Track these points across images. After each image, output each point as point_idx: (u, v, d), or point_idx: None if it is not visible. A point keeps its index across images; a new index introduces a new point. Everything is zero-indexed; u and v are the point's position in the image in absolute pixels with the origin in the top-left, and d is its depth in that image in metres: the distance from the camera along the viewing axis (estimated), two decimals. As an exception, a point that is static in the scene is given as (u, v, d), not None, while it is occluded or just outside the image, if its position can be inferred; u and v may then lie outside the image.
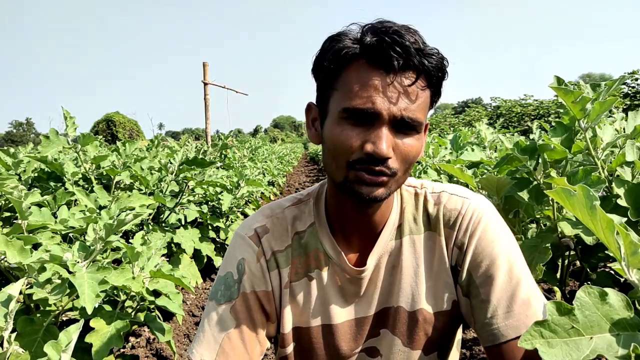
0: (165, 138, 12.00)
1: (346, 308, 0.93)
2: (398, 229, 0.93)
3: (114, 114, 29.57)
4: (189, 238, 2.94)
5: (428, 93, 0.78)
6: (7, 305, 1.05)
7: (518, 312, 0.80)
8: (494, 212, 0.91)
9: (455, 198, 0.91)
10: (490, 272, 0.83)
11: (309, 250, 0.93)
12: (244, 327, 0.88)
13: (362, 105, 0.73)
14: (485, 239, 0.86)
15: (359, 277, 0.91)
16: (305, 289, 0.93)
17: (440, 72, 0.77)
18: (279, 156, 14.18)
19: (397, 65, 0.72)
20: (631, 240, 0.59)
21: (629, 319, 0.60)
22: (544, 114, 13.63)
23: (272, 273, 0.92)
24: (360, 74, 0.74)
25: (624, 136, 1.45)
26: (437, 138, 4.32)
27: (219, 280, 0.93)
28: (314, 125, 0.88)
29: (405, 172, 0.80)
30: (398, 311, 0.92)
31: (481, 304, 0.83)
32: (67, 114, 2.38)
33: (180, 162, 2.76)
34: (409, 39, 0.72)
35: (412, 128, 0.76)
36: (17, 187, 1.54)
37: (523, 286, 0.82)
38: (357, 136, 0.75)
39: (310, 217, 0.95)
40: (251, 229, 0.94)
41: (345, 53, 0.75)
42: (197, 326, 2.85)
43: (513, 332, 0.79)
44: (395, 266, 0.92)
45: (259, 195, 5.64)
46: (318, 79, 0.83)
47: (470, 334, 2.53)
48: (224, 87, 8.27)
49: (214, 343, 0.87)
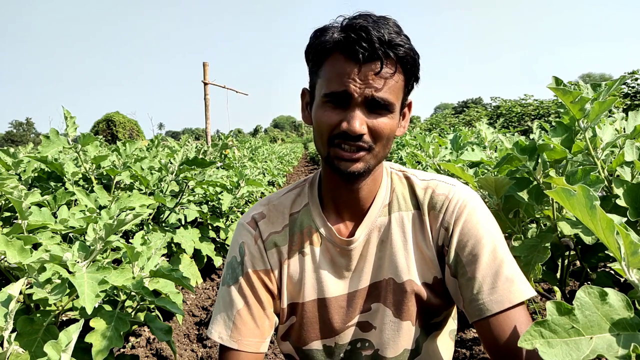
0: (165, 138, 12.00)
1: (339, 282, 1.00)
2: (387, 206, 1.01)
3: (114, 114, 29.57)
4: (189, 238, 2.94)
5: (399, 78, 0.87)
6: (7, 305, 1.05)
7: (502, 288, 0.87)
8: (479, 199, 0.98)
9: (443, 184, 0.99)
10: (475, 250, 0.90)
11: (303, 227, 1.02)
12: (252, 303, 0.98)
13: (338, 89, 0.85)
14: (471, 221, 0.93)
15: (349, 249, 0.98)
16: (300, 264, 1.01)
17: (408, 60, 0.86)
18: (279, 156, 14.18)
19: (362, 57, 0.82)
20: (631, 240, 0.59)
21: (629, 319, 0.60)
22: (544, 114, 13.63)
23: (270, 252, 1.01)
24: (336, 65, 0.86)
25: (624, 136, 1.45)
26: (437, 138, 4.32)
27: (227, 266, 1.04)
28: (307, 108, 0.99)
29: (383, 147, 0.90)
30: (389, 283, 0.98)
31: (468, 281, 0.90)
32: (68, 114, 2.38)
33: (180, 162, 2.76)
34: (374, 34, 0.82)
35: (383, 107, 0.86)
36: (17, 187, 1.54)
37: (506, 265, 0.89)
38: (337, 116, 0.87)
39: (305, 198, 1.05)
40: (249, 217, 1.05)
41: (324, 47, 0.87)
42: (197, 326, 2.85)
43: (497, 306, 0.86)
44: (384, 241, 0.99)
45: (259, 195, 5.64)
46: (308, 67, 0.95)
47: (470, 333, 2.53)
48: (224, 87, 8.26)
49: (228, 321, 0.98)
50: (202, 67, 7.57)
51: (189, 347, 2.58)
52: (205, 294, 3.37)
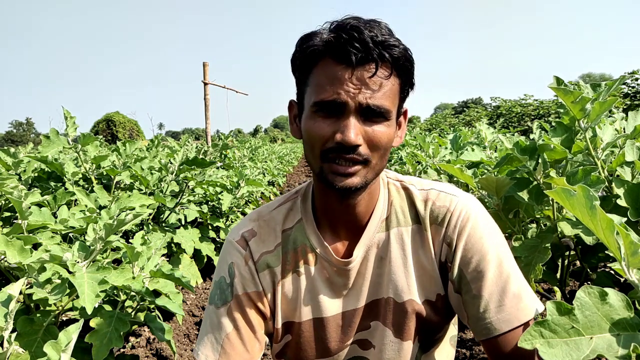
0: (165, 138, 11.99)
1: (335, 301, 0.95)
2: (385, 221, 0.94)
3: (114, 114, 29.59)
4: (189, 238, 2.94)
5: (395, 82, 0.81)
6: (7, 305, 1.05)
7: (509, 306, 0.82)
8: (482, 209, 0.93)
9: (444, 195, 0.93)
10: (480, 267, 0.85)
11: (297, 245, 0.96)
12: (241, 327, 0.92)
13: (329, 97, 0.78)
14: (475, 235, 0.88)
15: (346, 269, 0.93)
16: (295, 284, 0.95)
17: (403, 62, 0.80)
18: (279, 156, 14.18)
19: (356, 59, 0.76)
20: (631, 240, 0.59)
21: (629, 319, 0.60)
22: (544, 114, 13.63)
23: (262, 274, 0.95)
24: (326, 70, 0.79)
25: (624, 136, 1.45)
26: (437, 138, 4.32)
27: (215, 285, 0.97)
28: (295, 121, 0.92)
29: (380, 158, 0.83)
30: (388, 302, 0.93)
31: (473, 299, 0.85)
32: (68, 114, 2.38)
33: (180, 162, 2.76)
34: (367, 34, 0.75)
35: (379, 115, 0.80)
36: (17, 187, 1.54)
37: (513, 280, 0.84)
38: (329, 127, 0.80)
39: (297, 213, 0.98)
40: (238, 234, 0.98)
41: (312, 52, 0.80)
42: (197, 326, 2.85)
43: (505, 325, 0.82)
44: (384, 258, 0.93)
45: (259, 195, 5.64)
46: (295, 77, 0.88)
47: (470, 333, 2.53)
48: (224, 87, 8.26)
49: (216, 344, 0.92)
50: (202, 67, 7.57)
51: (189, 347, 2.58)
52: (205, 294, 3.37)
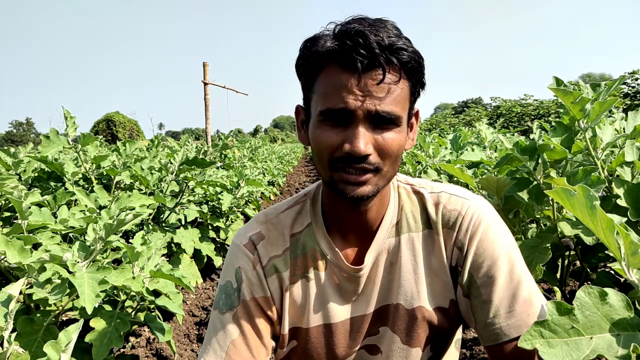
0: (165, 138, 12.00)
1: (344, 306, 0.93)
2: (396, 226, 0.93)
3: (114, 114, 29.59)
4: (189, 238, 2.94)
5: (404, 85, 0.78)
6: (7, 305, 1.05)
7: (520, 312, 0.81)
8: (493, 213, 0.92)
9: (455, 198, 0.91)
10: (491, 272, 0.84)
11: (307, 250, 0.94)
12: (248, 333, 0.90)
13: (336, 106, 0.75)
14: (486, 240, 0.86)
15: (357, 275, 0.91)
16: (304, 290, 0.93)
17: (413, 64, 0.77)
18: (279, 156, 14.19)
19: (362, 66, 0.73)
20: (631, 240, 0.59)
21: (629, 319, 0.60)
22: (544, 114, 13.64)
23: (270, 279, 0.93)
24: (331, 77, 0.76)
25: (624, 136, 1.45)
26: (437, 138, 4.32)
27: (220, 290, 0.94)
28: (302, 127, 0.89)
29: (391, 165, 0.81)
30: (397, 309, 0.92)
31: (483, 304, 0.84)
32: (68, 114, 2.38)
33: (180, 162, 2.76)
34: (373, 38, 0.72)
35: (389, 122, 0.77)
36: (17, 187, 1.54)
37: (524, 286, 0.83)
38: (337, 136, 0.77)
39: (307, 217, 0.96)
40: (246, 237, 0.95)
41: (317, 59, 0.78)
42: (197, 326, 2.85)
43: (515, 331, 0.80)
44: (394, 264, 0.92)
45: (259, 195, 5.64)
46: (300, 82, 0.85)
47: (470, 334, 2.53)
48: (224, 87, 8.27)
49: (220, 351, 0.89)
50: (202, 67, 7.57)
51: (189, 347, 2.58)
52: (205, 294, 3.37)
